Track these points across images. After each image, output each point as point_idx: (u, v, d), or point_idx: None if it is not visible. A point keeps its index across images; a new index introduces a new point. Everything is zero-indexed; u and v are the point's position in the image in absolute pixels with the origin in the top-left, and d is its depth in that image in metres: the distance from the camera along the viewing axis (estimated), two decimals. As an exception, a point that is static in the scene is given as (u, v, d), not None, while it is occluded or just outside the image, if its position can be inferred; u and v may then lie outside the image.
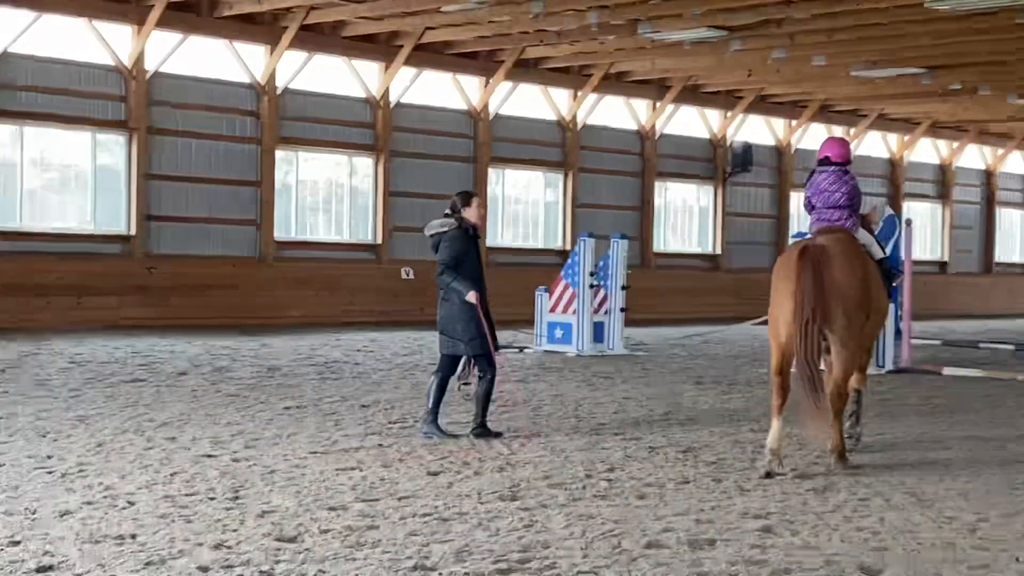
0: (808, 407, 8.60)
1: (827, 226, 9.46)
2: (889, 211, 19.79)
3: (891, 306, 16.85)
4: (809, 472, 8.79)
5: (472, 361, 10.13)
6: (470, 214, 10.14)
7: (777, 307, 8.99)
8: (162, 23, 21.71)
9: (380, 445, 9.55)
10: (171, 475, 8.13)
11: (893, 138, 36.38)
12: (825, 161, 9.83)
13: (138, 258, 22.13)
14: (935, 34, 22.61)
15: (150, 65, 22.24)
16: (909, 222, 17.50)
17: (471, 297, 9.91)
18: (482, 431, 10.06)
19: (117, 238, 22.19)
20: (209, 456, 8.89)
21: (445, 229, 10.07)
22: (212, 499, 7.42)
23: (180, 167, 22.86)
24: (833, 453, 9.00)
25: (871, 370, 16.20)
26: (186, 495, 7.51)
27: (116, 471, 8.23)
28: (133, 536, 6.46)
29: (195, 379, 13.93)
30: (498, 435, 10.07)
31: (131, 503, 7.25)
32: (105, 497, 7.40)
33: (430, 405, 10.07)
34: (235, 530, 6.65)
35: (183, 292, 22.44)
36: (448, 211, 10.21)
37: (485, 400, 10.08)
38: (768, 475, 8.51)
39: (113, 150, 22.32)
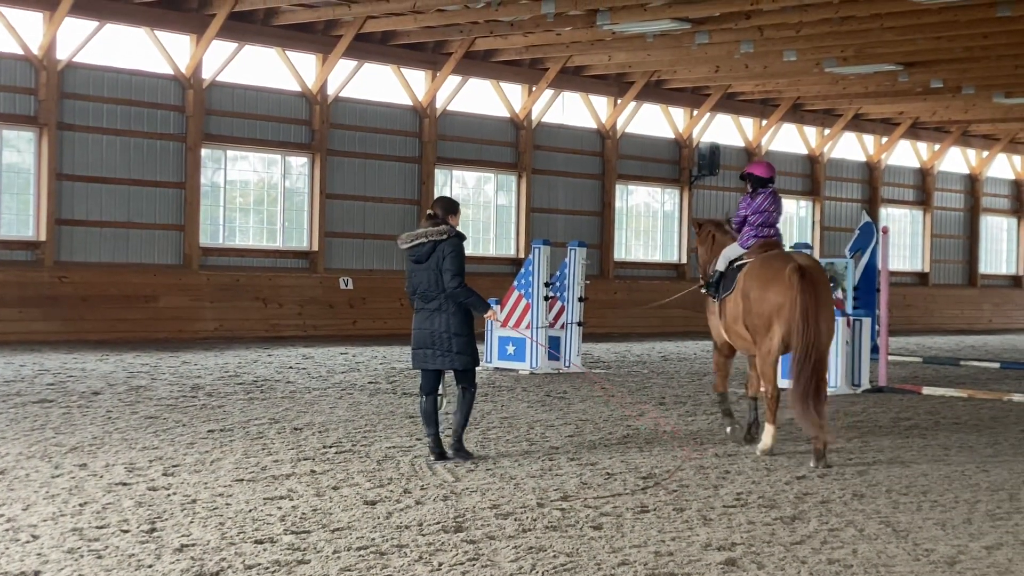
0: (811, 419, 10.32)
1: (767, 241, 11.48)
2: (866, 218, 19.99)
3: (868, 320, 17.11)
4: (777, 500, 8.84)
5: (438, 376, 10.36)
6: (454, 223, 10.38)
7: (760, 317, 10.81)
8: (75, 9, 21.53)
9: (313, 472, 9.50)
10: (80, 505, 8.04)
11: (870, 139, 36.78)
12: (761, 181, 11.70)
13: (47, 266, 21.90)
14: (913, 28, 22.89)
15: (62, 55, 22.06)
16: (886, 230, 17.69)
17: (493, 313, 10.64)
18: (459, 448, 10.30)
19: (26, 244, 21.95)
20: (123, 484, 8.81)
21: (444, 237, 10.18)
22: (126, 532, 7.34)
23: (95, 166, 22.68)
24: (822, 450, 10.50)
25: (847, 388, 16.36)
26: (97, 527, 7.43)
27: (19, 501, 8.12)
28: (36, 573, 6.39)
29: (109, 399, 13.80)
30: (470, 456, 10.31)
31: (35, 536, 7.16)
32: (6, 530, 7.30)
33: (432, 430, 10.20)
34: (151, 566, 6.58)
35: (97, 303, 22.25)
36: (434, 217, 10.31)
37: (466, 417, 10.37)
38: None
39: (20, 147, 22.09)
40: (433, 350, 10.22)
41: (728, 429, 11.87)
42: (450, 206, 10.41)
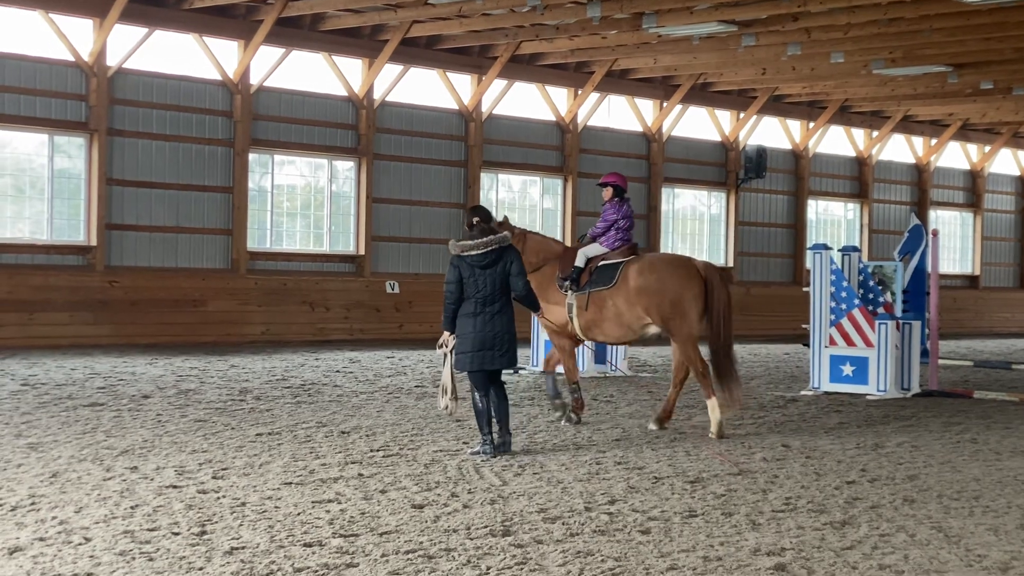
0: (732, 395, 12.09)
1: (631, 245, 12.88)
2: (915, 221, 19.83)
3: (918, 324, 16.96)
4: (826, 505, 8.78)
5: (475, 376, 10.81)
6: None
7: (677, 306, 12.22)
8: (125, 16, 21.73)
9: (361, 475, 9.53)
10: (132, 508, 8.10)
11: (919, 141, 36.47)
12: (622, 191, 12.92)
13: (98, 271, 22.12)
14: (962, 29, 22.68)
15: (112, 61, 22.27)
16: (935, 232, 17.53)
17: (542, 313, 11.83)
18: (509, 440, 10.83)
19: (77, 249, 22.18)
20: (174, 487, 8.87)
21: (507, 243, 10.80)
22: (176, 534, 7.40)
23: (144, 171, 22.88)
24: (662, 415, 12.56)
25: (896, 392, 16.22)
26: (148, 530, 7.49)
27: (72, 504, 8.20)
28: (89, 575, 6.44)
29: (159, 403, 13.91)
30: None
31: (87, 539, 7.22)
32: (59, 532, 7.37)
33: (490, 428, 10.62)
34: (201, 568, 6.63)
35: (147, 307, 22.44)
36: (481, 224, 10.81)
37: (508, 414, 10.87)
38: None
39: (72, 153, 22.32)
40: (494, 351, 10.65)
41: (563, 416, 12.85)
42: (488, 214, 11.08)
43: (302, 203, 25.56)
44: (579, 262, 12.75)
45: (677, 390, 12.64)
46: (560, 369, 13.34)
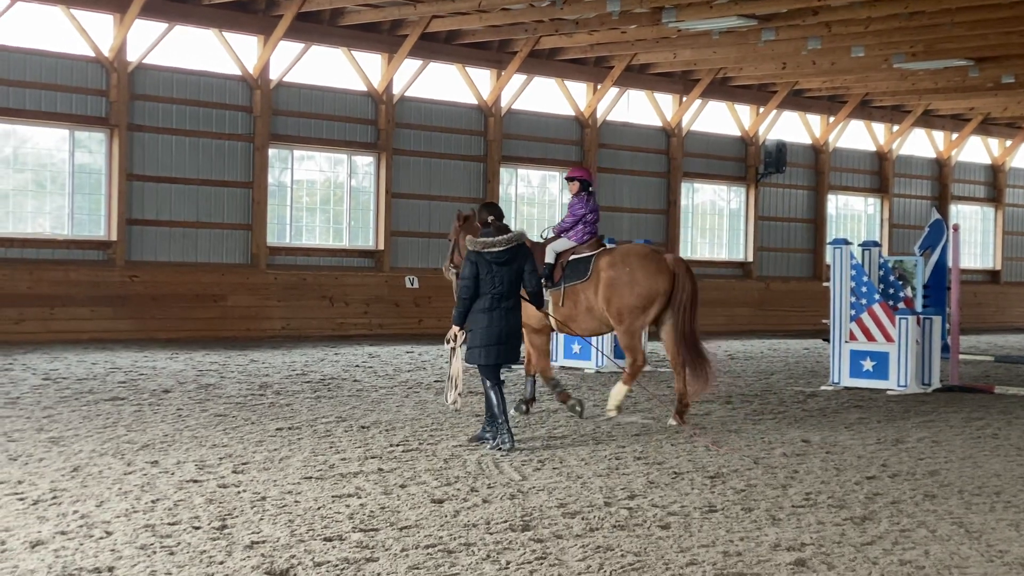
0: (707, 376, 12.44)
1: (597, 238, 13.01)
2: (936, 215, 19.76)
3: (938, 319, 16.89)
4: (847, 500, 8.76)
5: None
6: None
7: (642, 298, 12.38)
8: (145, 11, 21.79)
9: (380, 470, 9.55)
10: (152, 502, 8.13)
11: (940, 135, 36.34)
12: (588, 185, 13.02)
13: (119, 266, 22.20)
14: (983, 23, 22.58)
15: (132, 57, 22.33)
16: (956, 227, 17.46)
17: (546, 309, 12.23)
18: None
19: (97, 244, 22.26)
20: (194, 481, 8.90)
21: (522, 241, 10.94)
22: (197, 528, 7.42)
23: (164, 166, 22.96)
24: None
25: (917, 388, 16.17)
26: (169, 524, 7.51)
27: (93, 498, 8.24)
28: (110, 569, 6.46)
29: (179, 397, 13.96)
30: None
31: (108, 533, 7.25)
32: (81, 526, 7.40)
33: (506, 417, 10.73)
34: (222, 563, 6.64)
35: (167, 302, 22.52)
36: (499, 222, 11.04)
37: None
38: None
39: (92, 148, 22.40)
40: (507, 346, 10.84)
41: (571, 404, 12.83)
42: (503, 212, 11.29)
43: (321, 198, 25.60)
44: (550, 258, 12.85)
45: (681, 377, 12.69)
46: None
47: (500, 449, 10.54)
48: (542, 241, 13.23)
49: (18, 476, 8.93)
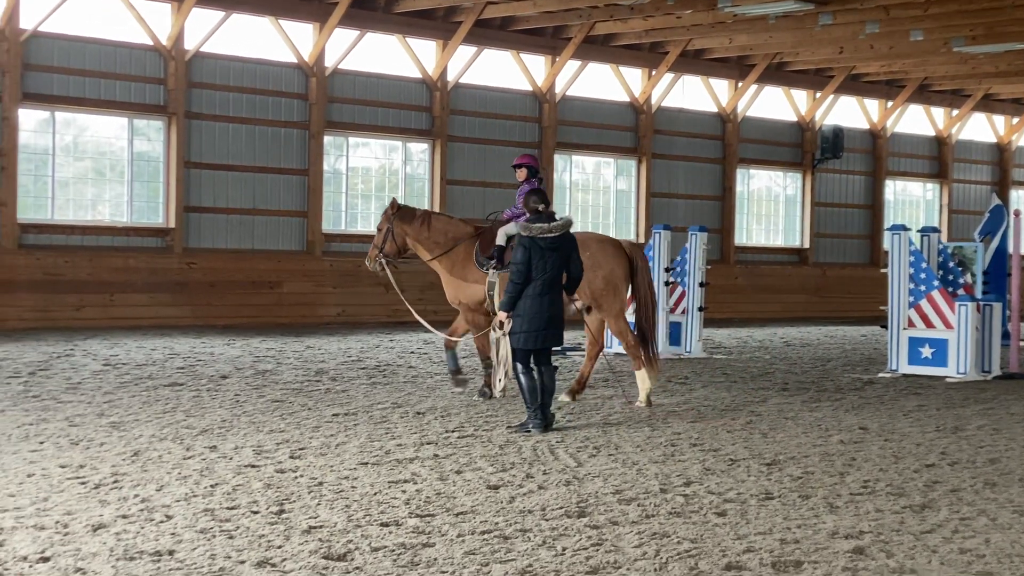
0: (653, 365, 12.62)
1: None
2: (996, 201, 19.53)
3: (999, 305, 16.69)
4: (905, 488, 8.69)
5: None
6: None
7: (609, 283, 12.58)
8: (202, -1, 21.97)
9: (436, 456, 9.58)
10: (211, 487, 8.21)
11: (1000, 120, 35.88)
12: (536, 171, 13.46)
13: (176, 253, 22.40)
14: (1047, 4, 22.23)
15: (190, 45, 22.50)
16: (1018, 212, 17.24)
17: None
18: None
19: (155, 231, 22.47)
20: (252, 466, 8.98)
21: (570, 228, 11.16)
22: (255, 513, 7.48)
23: (221, 154, 23.12)
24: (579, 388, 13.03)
25: (976, 375, 15.99)
26: (227, 508, 7.58)
27: (153, 482, 8.33)
28: (171, 552, 6.54)
29: (237, 383, 14.07)
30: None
31: (168, 516, 7.33)
32: (141, 510, 7.49)
33: (541, 403, 10.92)
34: (280, 547, 6.70)
35: (224, 289, 22.70)
36: (547, 208, 11.18)
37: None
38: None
39: (151, 136, 22.61)
40: (556, 330, 11.04)
41: (463, 390, 13.35)
42: (548, 199, 11.45)
43: (376, 185, 25.68)
44: (500, 241, 13.06)
45: (591, 363, 13.08)
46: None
47: (525, 431, 10.72)
48: (488, 224, 13.53)
49: (80, 460, 9.05)
